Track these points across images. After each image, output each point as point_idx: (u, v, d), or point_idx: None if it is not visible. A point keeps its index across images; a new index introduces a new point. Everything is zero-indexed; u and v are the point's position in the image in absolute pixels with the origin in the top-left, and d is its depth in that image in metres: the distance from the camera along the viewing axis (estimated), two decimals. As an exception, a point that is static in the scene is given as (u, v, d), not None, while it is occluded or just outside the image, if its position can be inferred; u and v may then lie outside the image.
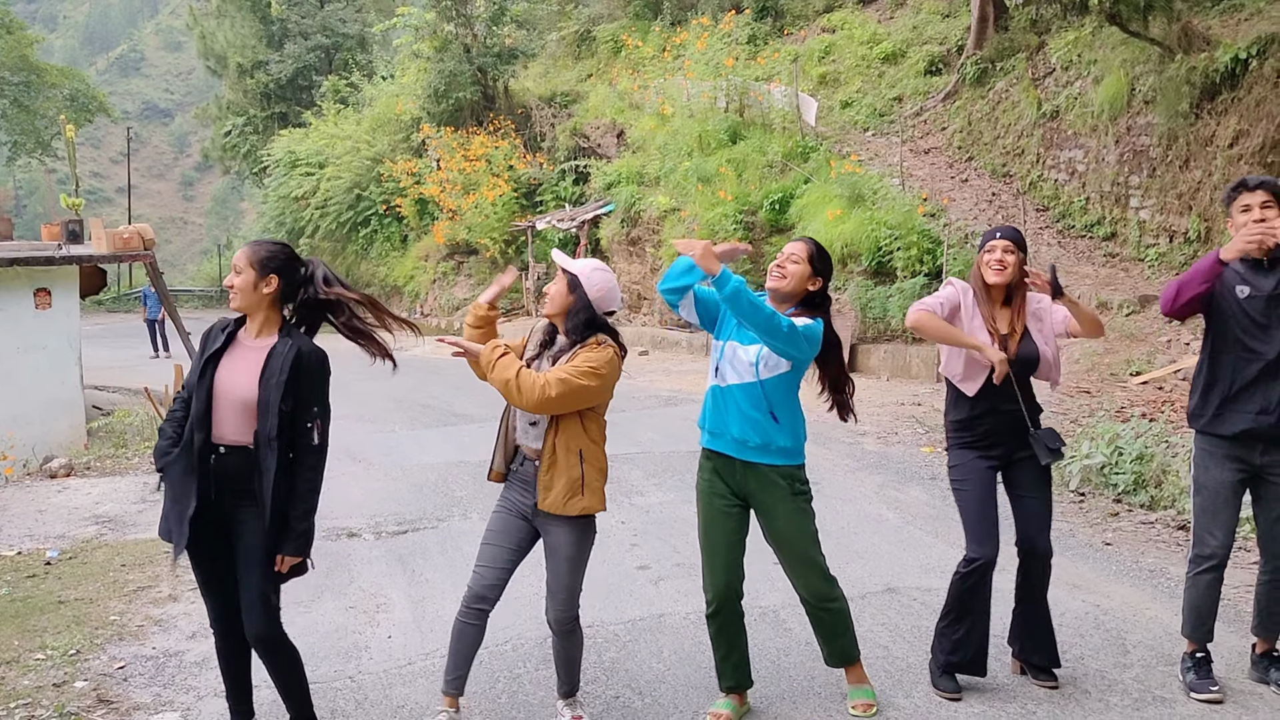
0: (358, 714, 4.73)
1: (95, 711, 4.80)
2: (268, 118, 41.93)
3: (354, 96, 36.97)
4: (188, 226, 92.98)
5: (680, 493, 8.75)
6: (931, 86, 20.83)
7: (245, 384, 4.00)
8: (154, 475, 10.25)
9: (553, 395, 4.11)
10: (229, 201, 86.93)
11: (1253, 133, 11.95)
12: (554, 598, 4.40)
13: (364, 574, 6.85)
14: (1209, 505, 4.69)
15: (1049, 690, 4.74)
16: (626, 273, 22.85)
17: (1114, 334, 11.80)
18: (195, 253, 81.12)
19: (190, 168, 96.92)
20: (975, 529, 4.67)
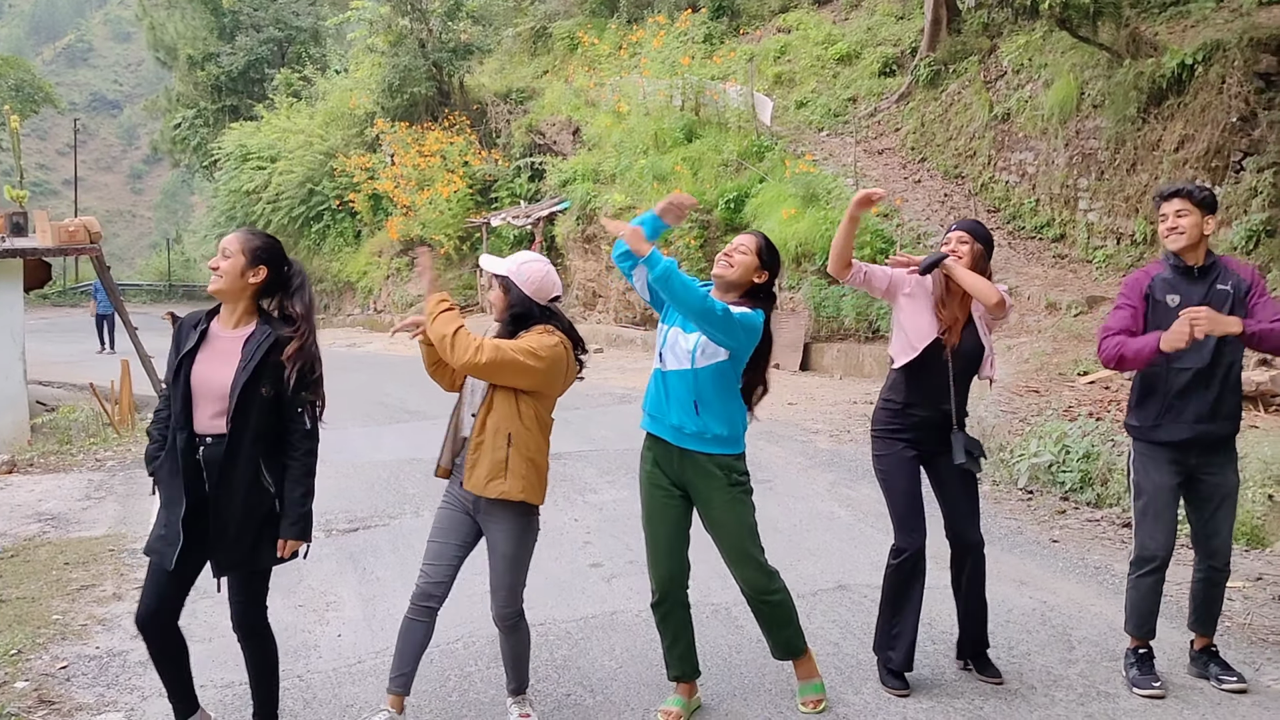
0: (306, 713, 4.69)
1: (36, 712, 4.73)
2: (218, 110, 41.45)
3: (307, 90, 36.64)
4: (136, 220, 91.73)
5: (633, 490, 8.69)
6: (885, 88, 20.99)
7: (222, 373, 3.94)
8: (97, 473, 10.11)
9: (482, 361, 4.10)
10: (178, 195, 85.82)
11: (1197, 137, 12.15)
12: (495, 595, 4.40)
13: (314, 572, 6.79)
14: (1150, 509, 4.75)
15: (995, 685, 4.79)
16: (582, 270, 22.83)
17: (1062, 334, 11.95)
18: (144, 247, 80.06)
19: (139, 160, 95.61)
20: (903, 519, 4.75)
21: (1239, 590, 6.10)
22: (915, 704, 4.63)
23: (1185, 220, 4.61)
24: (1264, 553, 6.86)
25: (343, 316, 32.55)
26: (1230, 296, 4.62)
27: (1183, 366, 4.61)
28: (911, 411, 4.79)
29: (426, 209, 26.94)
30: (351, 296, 32.35)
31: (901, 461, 4.79)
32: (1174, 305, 4.61)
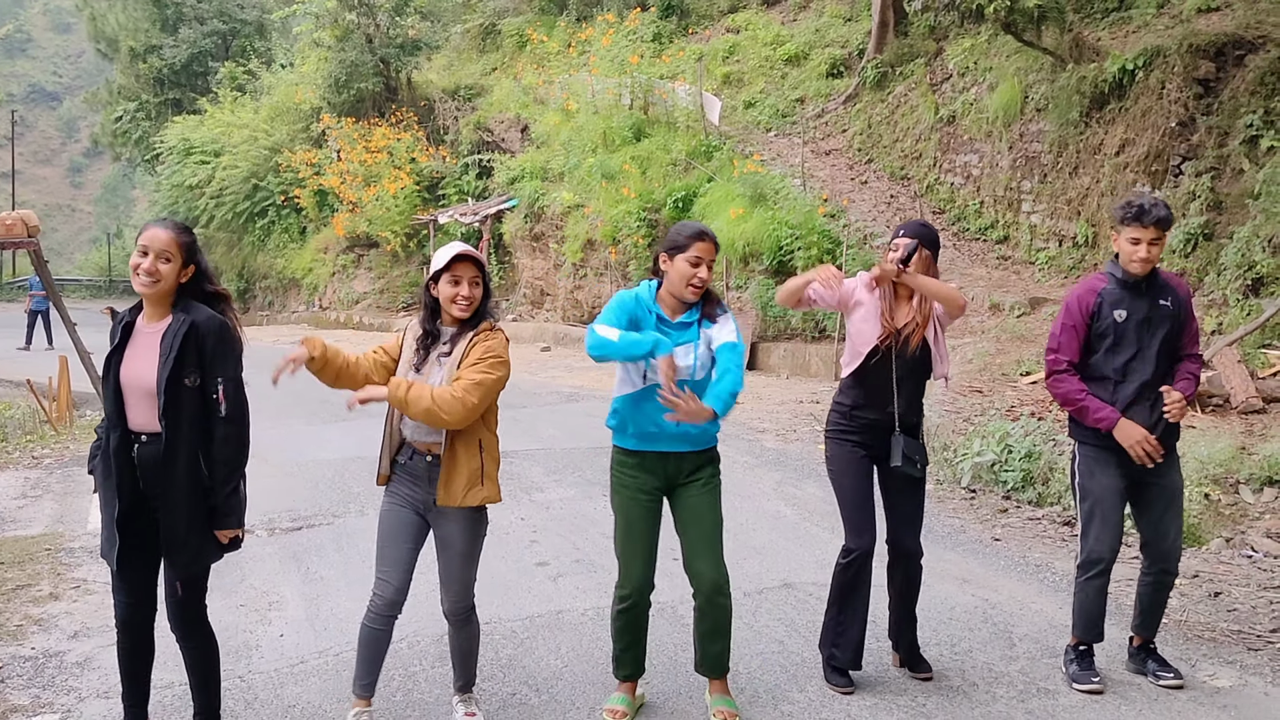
0: (247, 714, 4.63)
1: (-31, 715, 4.62)
2: (161, 104, 40.80)
3: (251, 84, 36.19)
4: (76, 214, 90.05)
5: (580, 489, 8.74)
6: (833, 89, 21.12)
7: (148, 370, 3.88)
8: (34, 471, 9.92)
9: (475, 402, 4.10)
10: (119, 189, 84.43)
11: (1138, 141, 12.35)
12: (448, 590, 4.38)
13: (256, 571, 6.71)
14: (1098, 511, 4.78)
15: (938, 683, 4.84)
16: (529, 268, 22.76)
17: (1005, 335, 12.10)
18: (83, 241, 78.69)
19: (79, 154, 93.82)
20: (853, 519, 4.78)
21: (1176, 588, 6.20)
22: (859, 701, 4.66)
23: (1156, 249, 4.67)
24: (1200, 551, 6.98)
25: (288, 313, 32.20)
26: (1171, 313, 4.73)
27: (1132, 372, 4.70)
28: (859, 414, 4.84)
29: (373, 206, 26.72)
30: (296, 293, 32.00)
31: (852, 463, 4.83)
32: (1121, 320, 4.70)
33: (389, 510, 4.38)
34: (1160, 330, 4.71)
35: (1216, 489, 7.54)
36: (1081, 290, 4.84)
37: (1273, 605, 5.90)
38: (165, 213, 35.32)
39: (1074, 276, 13.20)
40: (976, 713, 4.55)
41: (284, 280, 32.34)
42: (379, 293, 28.01)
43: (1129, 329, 4.70)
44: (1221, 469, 7.65)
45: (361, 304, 28.27)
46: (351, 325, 27.34)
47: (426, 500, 4.29)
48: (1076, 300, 4.81)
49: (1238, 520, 7.31)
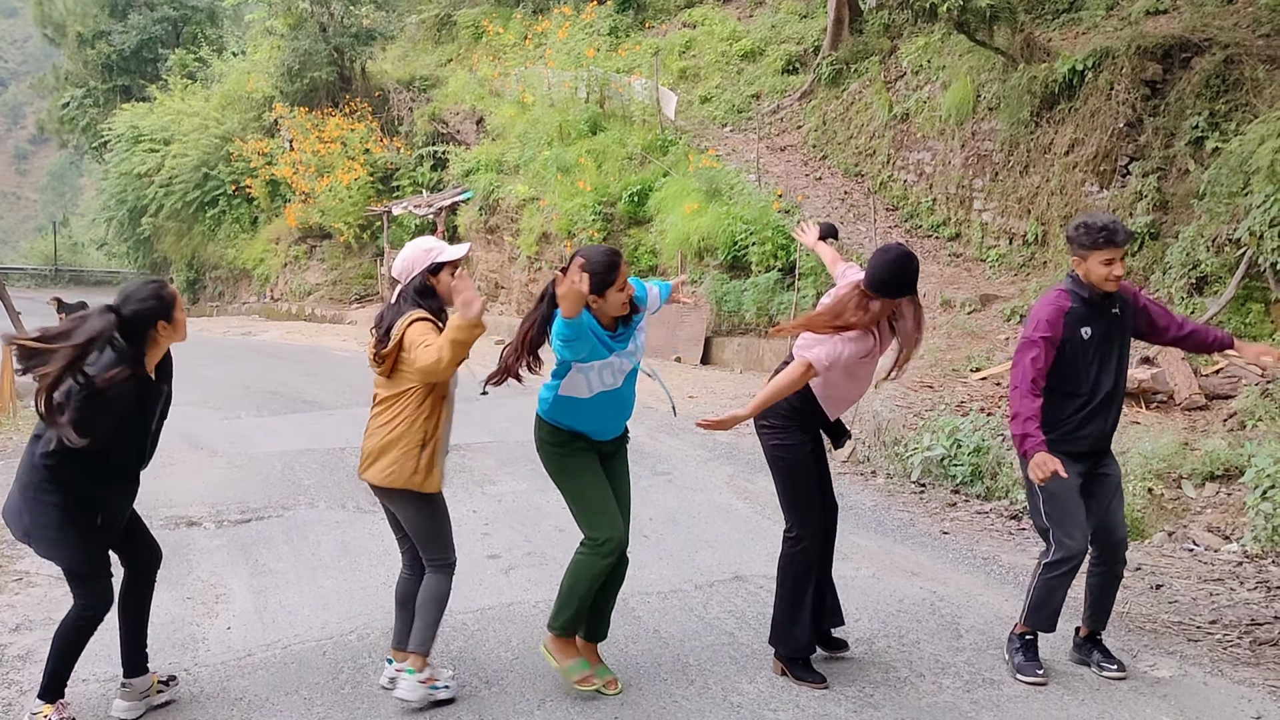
0: (193, 706, 4.59)
1: (-93, 708, 4.55)
2: (109, 90, 40.14)
3: (203, 72, 35.71)
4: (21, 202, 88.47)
5: (533, 482, 8.72)
6: (788, 85, 21.20)
7: None
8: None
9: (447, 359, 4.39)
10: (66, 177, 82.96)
11: (1087, 141, 12.51)
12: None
13: (203, 563, 6.64)
14: (1062, 506, 4.78)
15: (885, 673, 4.89)
16: (484, 261, 22.66)
17: (956, 331, 12.21)
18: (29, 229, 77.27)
19: (24, 140, 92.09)
20: (805, 508, 4.95)
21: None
22: (807, 691, 4.70)
23: (1121, 267, 4.72)
24: (1143, 544, 7.11)
25: (238, 304, 31.85)
26: (1120, 318, 4.85)
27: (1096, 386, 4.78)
28: (815, 418, 4.95)
29: (326, 196, 26.48)
30: (247, 284, 31.66)
31: (804, 452, 4.94)
32: (1088, 337, 4.75)
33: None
34: (1118, 341, 4.83)
35: (1160, 484, 7.67)
36: (1052, 309, 4.78)
37: (1212, 598, 6.02)
38: (113, 201, 34.85)
39: (1024, 274, 13.35)
40: (924, 703, 4.61)
41: (235, 271, 31.97)
42: (331, 284, 27.78)
43: (1094, 344, 4.76)
44: (1164, 464, 7.78)
45: (314, 295, 28.02)
46: (303, 317, 27.09)
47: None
48: (1050, 319, 4.75)
49: (1180, 514, 7.44)
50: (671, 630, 5.48)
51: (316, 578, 6.39)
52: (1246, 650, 5.22)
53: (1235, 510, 7.26)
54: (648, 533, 7.24)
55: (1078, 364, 4.77)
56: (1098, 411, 4.80)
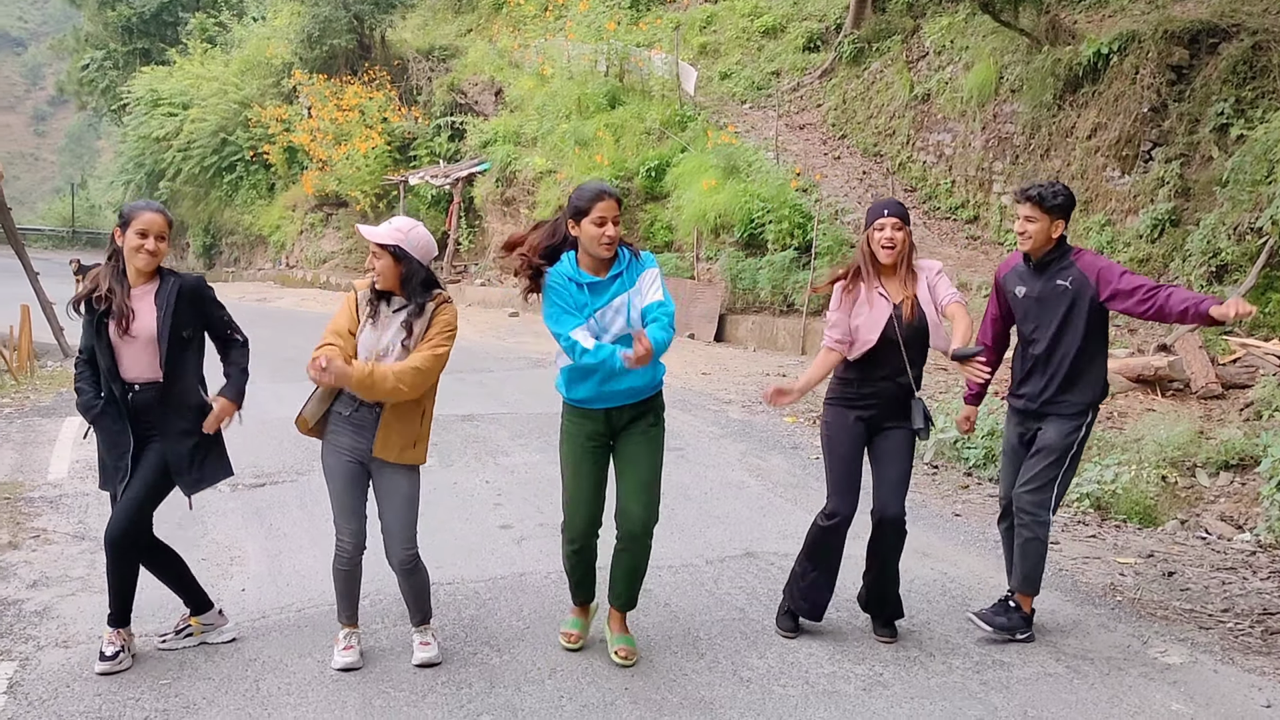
0: (208, 667, 4.63)
1: (-75, 661, 4.59)
2: (129, 53, 40.05)
3: (222, 36, 35.62)
4: (39, 163, 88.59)
5: (545, 454, 8.74)
6: (809, 63, 21.08)
7: (143, 327, 4.51)
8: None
9: (433, 374, 4.46)
10: (84, 139, 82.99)
11: (1110, 126, 12.43)
12: (395, 538, 4.62)
13: (218, 526, 6.68)
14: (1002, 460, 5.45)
15: (895, 653, 4.90)
16: (500, 233, 22.62)
17: (972, 314, 12.14)
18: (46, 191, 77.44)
19: (43, 101, 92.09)
20: (841, 484, 4.96)
21: (1130, 567, 6.31)
22: (817, 668, 4.72)
23: (1033, 226, 4.97)
24: (1155, 531, 7.10)
25: (254, 270, 31.90)
26: (1068, 293, 4.94)
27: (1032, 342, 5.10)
28: (868, 386, 4.97)
29: (343, 165, 26.44)
30: (263, 250, 31.69)
31: (848, 429, 4.99)
32: (1020, 295, 5.11)
33: (337, 463, 4.59)
34: (1056, 313, 4.97)
35: (1174, 471, 7.65)
36: (1004, 264, 5.32)
37: (1225, 586, 6.01)
38: (131, 164, 34.85)
39: (1042, 258, 13.29)
40: (933, 683, 4.62)
41: (250, 237, 32.00)
42: (346, 252, 27.79)
43: (1028, 306, 5.07)
44: (1179, 452, 7.76)
45: (329, 263, 28.04)
46: (318, 284, 27.13)
47: (367, 451, 4.53)
48: (998, 272, 5.32)
49: (1193, 503, 7.43)
50: (682, 604, 5.50)
51: (329, 542, 6.40)
52: (1258, 639, 5.22)
53: (1249, 500, 7.24)
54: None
55: (1014, 319, 5.21)
56: (1030, 374, 5.08)
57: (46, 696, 4.33)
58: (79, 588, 5.57)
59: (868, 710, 4.35)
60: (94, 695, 4.34)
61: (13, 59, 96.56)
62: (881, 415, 4.96)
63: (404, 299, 4.53)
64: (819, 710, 4.34)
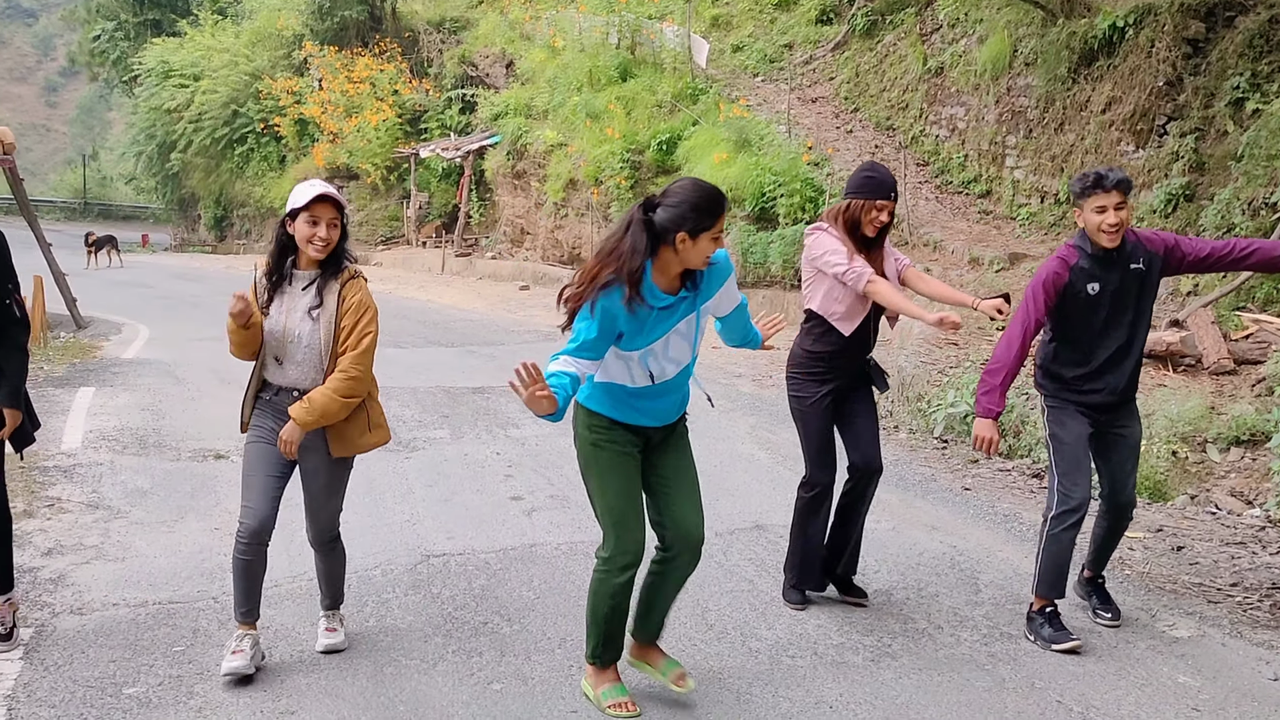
0: (221, 634, 4.67)
1: (-58, 627, 4.63)
2: (140, 24, 40.07)
3: (233, 8, 35.66)
4: (50, 134, 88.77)
5: (556, 427, 8.73)
6: (822, 35, 20.96)
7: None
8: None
9: (368, 369, 4.29)
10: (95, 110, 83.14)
11: (1125, 100, 12.34)
12: (316, 519, 4.48)
13: (230, 496, 6.70)
14: (1071, 458, 4.76)
15: (903, 624, 4.92)
16: (510, 206, 22.63)
17: (983, 289, 12.14)
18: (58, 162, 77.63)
19: (55, 72, 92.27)
20: (821, 455, 5.04)
21: (1140, 541, 6.32)
22: (825, 639, 4.74)
23: (1124, 213, 4.60)
24: (1165, 506, 7.10)
25: (265, 243, 31.89)
26: (1142, 275, 4.71)
27: (1106, 339, 4.73)
28: (838, 358, 5.00)
29: (354, 137, 26.47)
30: (275, 223, 31.67)
31: (820, 400, 5.02)
32: (1094, 293, 4.67)
33: (255, 444, 4.38)
34: (1132, 298, 4.72)
35: (1184, 446, 7.64)
36: (1056, 266, 4.73)
37: (1234, 561, 6.02)
38: (142, 135, 34.89)
39: (1054, 233, 13.23)
40: (941, 654, 4.64)
41: (262, 209, 32.04)
42: (358, 225, 27.82)
43: (1103, 300, 4.69)
44: (1190, 427, 7.75)
45: (339, 235, 28.05)
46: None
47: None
48: (1050, 280, 4.70)
49: (1203, 478, 7.42)
50: (691, 576, 5.50)
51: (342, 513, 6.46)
52: (1266, 613, 5.23)
53: (1260, 475, 7.23)
54: (669, 480, 7.29)
55: (1083, 319, 4.73)
56: (1108, 367, 4.77)
57: (62, 662, 4.37)
58: (93, 556, 5.62)
59: (876, 681, 4.37)
60: (108, 661, 4.38)
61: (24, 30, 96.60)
62: (847, 382, 5.04)
63: (316, 270, 4.28)
64: (827, 681, 4.36)
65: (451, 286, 20.40)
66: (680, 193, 3.71)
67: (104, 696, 4.10)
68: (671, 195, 3.72)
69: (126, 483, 6.96)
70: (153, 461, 7.52)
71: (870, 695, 4.25)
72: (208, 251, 34.04)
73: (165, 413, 9.08)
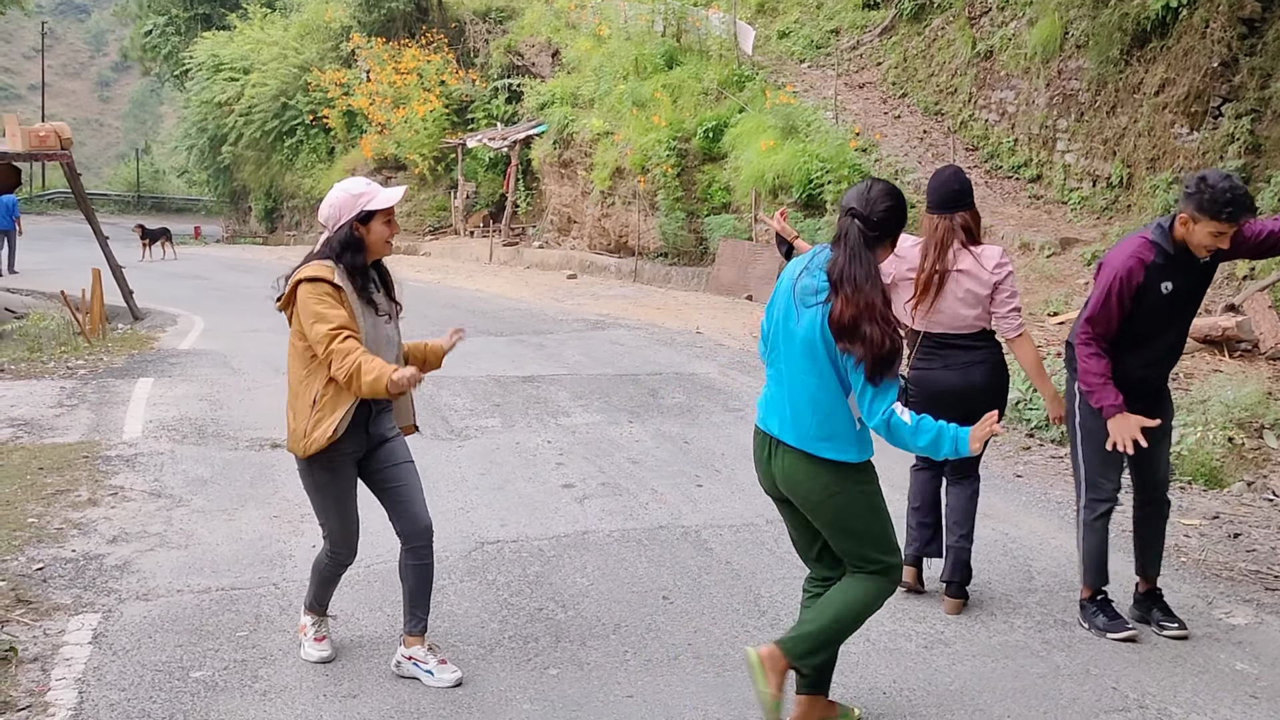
0: (282, 619, 4.77)
1: (15, 611, 4.77)
2: (191, 18, 40.48)
3: (281, 1, 35.90)
4: (104, 129, 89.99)
5: (606, 414, 8.83)
6: (869, 20, 20.83)
7: None
8: (69, 381, 10.09)
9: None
10: (147, 104, 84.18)
11: (1179, 81, 12.17)
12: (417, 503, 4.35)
13: (288, 484, 6.81)
14: (1103, 450, 4.62)
15: (957, 612, 4.92)
16: (557, 195, 22.68)
17: (1034, 275, 12.05)
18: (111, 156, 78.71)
19: (107, 67, 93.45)
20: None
21: (1195, 528, 6.27)
22: (878, 626, 4.75)
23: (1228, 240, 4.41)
24: (1222, 492, 7.03)
25: (314, 233, 32.18)
26: (1208, 269, 4.59)
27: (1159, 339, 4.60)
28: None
29: (402, 128, 26.61)
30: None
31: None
32: (1168, 291, 4.49)
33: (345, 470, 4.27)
34: (1198, 296, 4.64)
35: (1241, 433, 7.56)
36: (1132, 260, 4.49)
37: (1291, 548, 5.96)
38: (194, 129, 35.29)
39: (1106, 218, 13.10)
40: (995, 641, 4.64)
41: (311, 200, 32.27)
42: (405, 216, 27.98)
43: (1174, 301, 4.53)
44: (1247, 413, 7.66)
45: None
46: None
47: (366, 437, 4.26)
48: (1126, 274, 4.48)
49: (1260, 464, 7.34)
50: (744, 563, 5.56)
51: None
52: (1325, 601, 5.18)
53: (1318, 462, 7.15)
54: (719, 467, 7.32)
55: (1151, 319, 4.54)
56: (1154, 363, 4.67)
57: (130, 647, 4.49)
58: (157, 543, 5.74)
59: (929, 667, 4.39)
60: (175, 646, 4.49)
61: (77, 26, 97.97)
62: None
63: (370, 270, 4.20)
64: (880, 667, 4.38)
65: (499, 276, 20.51)
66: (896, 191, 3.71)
67: (172, 680, 4.21)
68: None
69: (187, 471, 7.11)
70: (212, 450, 7.66)
71: (924, 682, 4.27)
72: (259, 243, 34.41)
73: (223, 403, 9.24)
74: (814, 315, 3.54)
